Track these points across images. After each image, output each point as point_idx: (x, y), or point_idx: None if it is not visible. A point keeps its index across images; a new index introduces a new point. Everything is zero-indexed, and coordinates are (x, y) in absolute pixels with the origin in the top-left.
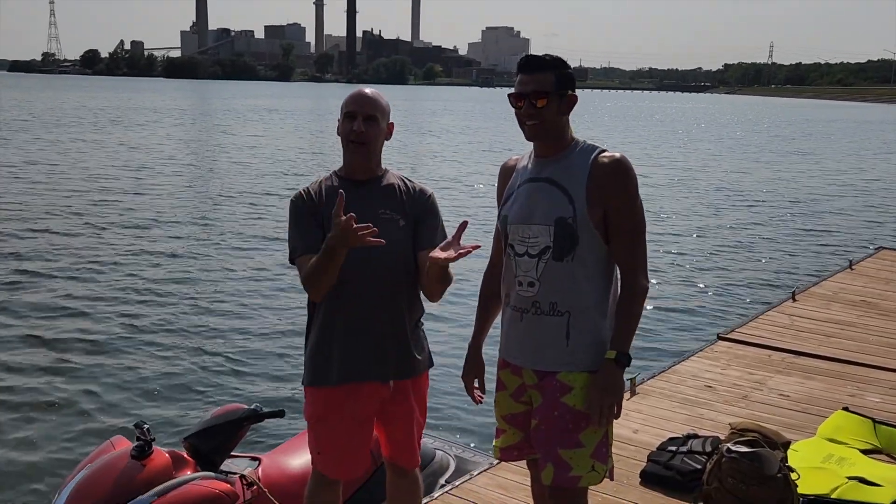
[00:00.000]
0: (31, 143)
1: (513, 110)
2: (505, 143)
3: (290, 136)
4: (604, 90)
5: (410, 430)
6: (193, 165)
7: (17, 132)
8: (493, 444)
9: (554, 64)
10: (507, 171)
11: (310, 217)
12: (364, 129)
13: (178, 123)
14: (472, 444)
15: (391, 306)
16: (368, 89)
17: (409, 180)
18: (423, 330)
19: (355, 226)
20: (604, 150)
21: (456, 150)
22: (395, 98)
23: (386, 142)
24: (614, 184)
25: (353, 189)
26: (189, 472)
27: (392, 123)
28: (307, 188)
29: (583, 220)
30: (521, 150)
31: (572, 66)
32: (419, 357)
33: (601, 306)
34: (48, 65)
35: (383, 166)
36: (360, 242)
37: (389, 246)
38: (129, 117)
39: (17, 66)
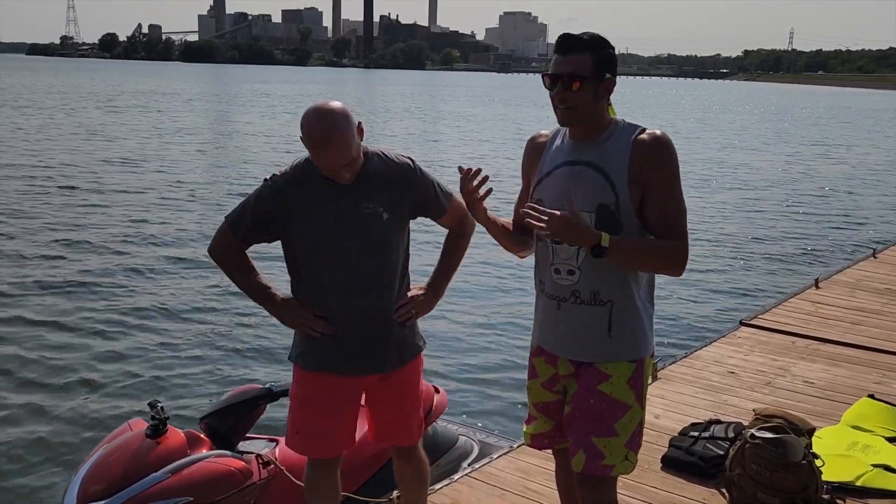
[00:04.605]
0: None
1: (532, 96)
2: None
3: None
4: (621, 76)
5: (402, 410)
6: (215, 148)
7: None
8: (524, 429)
9: (592, 44)
10: (536, 147)
11: (262, 215)
12: (349, 174)
13: (200, 108)
14: (495, 430)
15: (381, 302)
16: (325, 123)
17: (387, 157)
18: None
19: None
20: (644, 129)
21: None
22: (412, 83)
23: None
24: (654, 161)
25: (333, 186)
26: (204, 451)
27: (360, 122)
28: (281, 176)
29: (625, 207)
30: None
31: None
32: (410, 346)
33: (642, 295)
34: (66, 48)
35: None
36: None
37: (373, 241)
38: (151, 101)
39: (35, 50)
